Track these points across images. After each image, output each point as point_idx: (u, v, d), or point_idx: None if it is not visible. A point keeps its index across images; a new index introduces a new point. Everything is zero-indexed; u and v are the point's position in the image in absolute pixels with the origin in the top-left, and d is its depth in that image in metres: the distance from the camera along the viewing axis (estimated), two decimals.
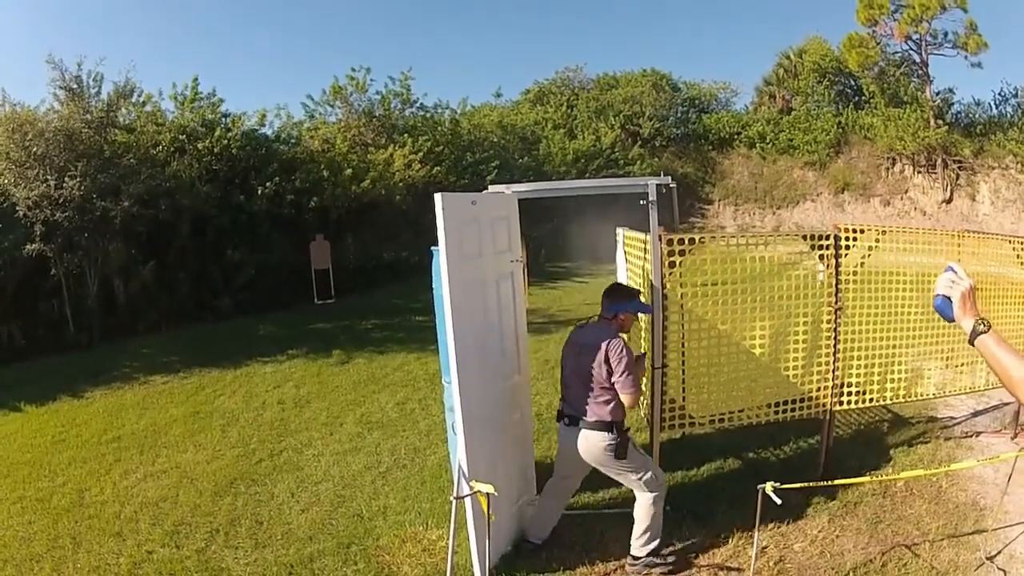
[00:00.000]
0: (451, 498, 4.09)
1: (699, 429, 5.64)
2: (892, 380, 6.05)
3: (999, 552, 4.59)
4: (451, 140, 22.07)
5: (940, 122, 27.50)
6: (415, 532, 4.96)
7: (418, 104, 21.88)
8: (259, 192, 15.09)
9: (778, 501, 3.91)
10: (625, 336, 4.46)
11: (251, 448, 6.74)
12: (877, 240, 5.88)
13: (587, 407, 4.26)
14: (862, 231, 5.75)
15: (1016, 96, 28.26)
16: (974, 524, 4.97)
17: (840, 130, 30.63)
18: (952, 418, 7.23)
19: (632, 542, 4.44)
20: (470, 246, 4.17)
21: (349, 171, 17.01)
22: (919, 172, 28.36)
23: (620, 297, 4.35)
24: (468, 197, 4.32)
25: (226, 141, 15.18)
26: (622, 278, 6.08)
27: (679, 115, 35.13)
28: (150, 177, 12.92)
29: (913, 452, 6.38)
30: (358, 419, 7.52)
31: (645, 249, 5.10)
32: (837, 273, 5.56)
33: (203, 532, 5.07)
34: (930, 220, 26.59)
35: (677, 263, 4.98)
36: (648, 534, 4.39)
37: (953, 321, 2.11)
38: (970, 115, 29.28)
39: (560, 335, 11.28)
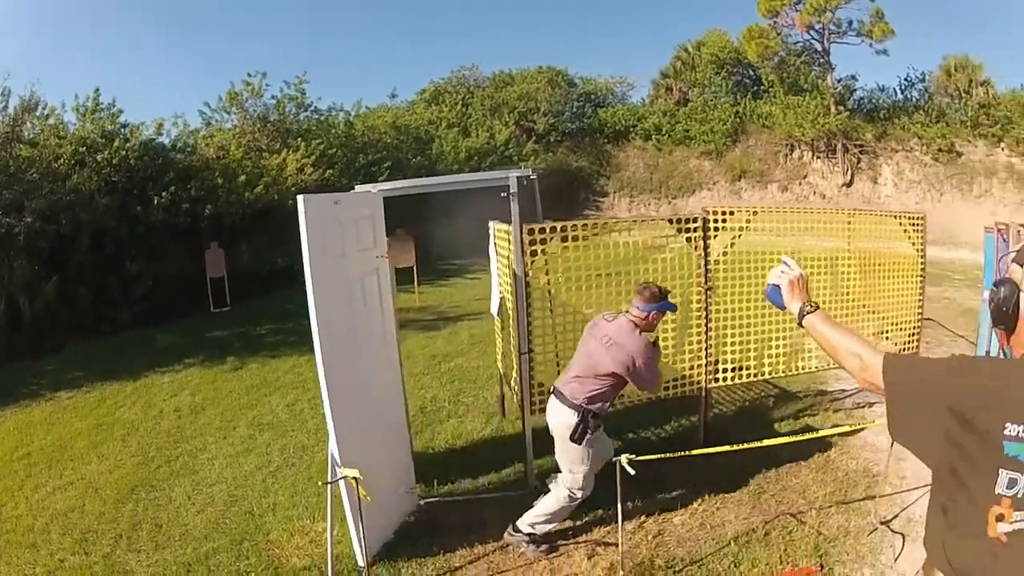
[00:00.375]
0: (320, 483, 4.23)
1: None
2: (770, 356, 6.23)
3: (895, 516, 4.81)
4: (344, 142, 21.86)
5: (841, 108, 28.33)
6: (303, 525, 5.12)
7: (312, 108, 21.75)
8: (155, 202, 14.70)
9: (631, 472, 4.06)
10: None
11: (150, 456, 6.78)
12: (748, 221, 6.06)
13: (575, 385, 4.44)
14: (731, 212, 5.93)
15: (923, 81, 29.27)
16: (865, 490, 5.18)
17: (738, 119, 31.30)
18: (844, 391, 7.50)
19: (524, 515, 4.58)
20: (333, 245, 4.30)
21: (243, 177, 16.75)
22: (819, 157, 29.28)
23: (652, 297, 4.47)
24: (331, 198, 4.48)
25: (124, 152, 14.71)
26: (494, 271, 6.26)
27: (574, 110, 35.61)
28: (51, 192, 12.55)
29: (798, 424, 6.64)
30: (250, 422, 7.58)
31: (510, 240, 5.28)
32: (706, 255, 5.76)
33: (108, 538, 5.17)
34: (830, 203, 27.27)
35: (539, 251, 5.19)
36: (544, 519, 4.54)
37: (784, 308, 2.38)
38: (873, 100, 30.31)
39: (449, 331, 11.62)
